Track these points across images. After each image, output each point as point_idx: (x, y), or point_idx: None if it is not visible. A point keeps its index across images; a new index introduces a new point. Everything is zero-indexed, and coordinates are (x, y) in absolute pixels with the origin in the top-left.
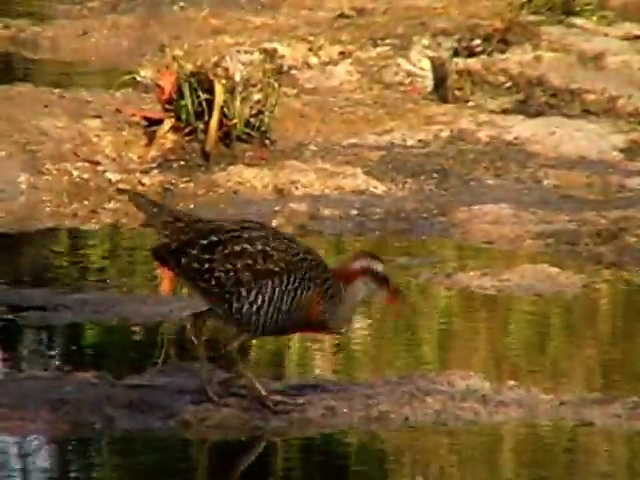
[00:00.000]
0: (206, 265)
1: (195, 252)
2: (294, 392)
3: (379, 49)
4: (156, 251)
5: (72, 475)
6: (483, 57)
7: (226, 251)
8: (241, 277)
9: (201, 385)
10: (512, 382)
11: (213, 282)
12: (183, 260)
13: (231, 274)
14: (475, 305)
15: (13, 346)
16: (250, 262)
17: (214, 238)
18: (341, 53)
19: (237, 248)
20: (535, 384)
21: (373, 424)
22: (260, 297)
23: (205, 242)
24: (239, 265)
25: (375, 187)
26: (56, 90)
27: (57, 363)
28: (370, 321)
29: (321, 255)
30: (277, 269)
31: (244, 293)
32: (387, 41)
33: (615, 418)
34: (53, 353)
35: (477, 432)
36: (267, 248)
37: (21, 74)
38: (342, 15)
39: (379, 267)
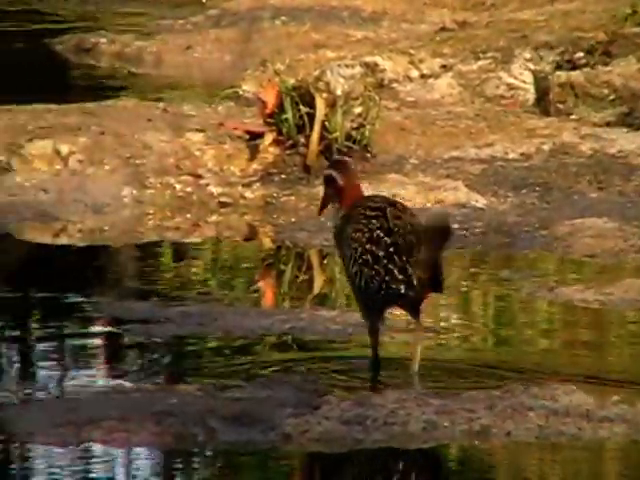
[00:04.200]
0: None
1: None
2: (394, 406)
3: (480, 62)
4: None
5: None
6: (586, 70)
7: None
8: None
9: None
10: (616, 397)
11: None
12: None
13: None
14: (578, 319)
15: (118, 359)
16: None
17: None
18: (442, 66)
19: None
20: None
21: (475, 438)
22: None
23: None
24: None
25: (476, 200)
26: (160, 104)
27: (161, 376)
28: (466, 335)
29: None
30: None
31: None
32: (489, 54)
33: None
34: (157, 366)
35: (581, 447)
36: None
37: (126, 89)
38: (444, 28)
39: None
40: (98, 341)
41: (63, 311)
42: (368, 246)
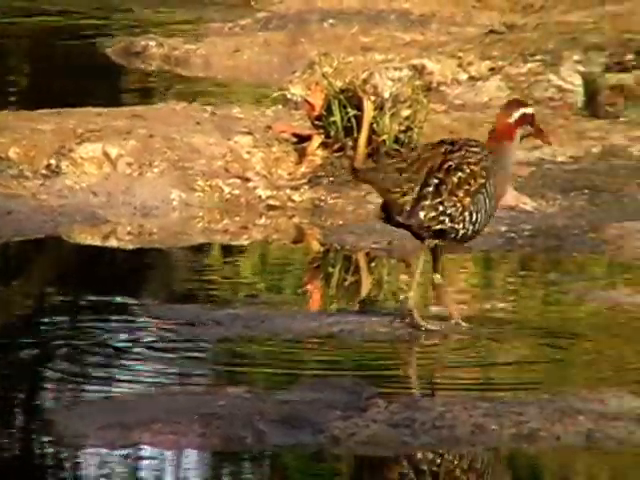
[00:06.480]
0: (440, 209)
1: (429, 202)
2: (442, 409)
3: (529, 65)
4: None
5: None
6: (636, 72)
7: (449, 187)
8: (464, 204)
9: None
10: None
11: (447, 221)
12: (422, 214)
13: (458, 205)
14: (627, 323)
15: (165, 361)
16: (467, 187)
17: (435, 181)
18: (491, 69)
19: (455, 180)
20: None
21: (523, 442)
22: (478, 213)
23: (430, 188)
24: (461, 194)
25: (525, 203)
26: (208, 107)
27: (208, 378)
28: (513, 338)
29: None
30: (482, 180)
31: (467, 217)
32: (538, 57)
33: None
34: (204, 368)
35: (631, 452)
36: (473, 166)
37: (174, 92)
38: (492, 31)
39: (530, 109)
40: (145, 343)
41: (111, 313)
42: None
